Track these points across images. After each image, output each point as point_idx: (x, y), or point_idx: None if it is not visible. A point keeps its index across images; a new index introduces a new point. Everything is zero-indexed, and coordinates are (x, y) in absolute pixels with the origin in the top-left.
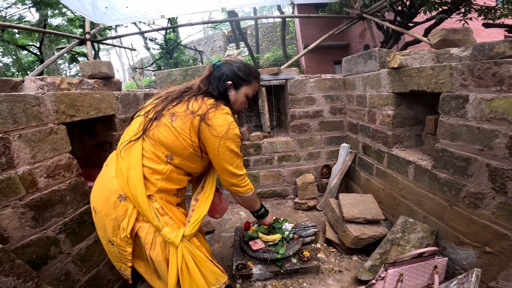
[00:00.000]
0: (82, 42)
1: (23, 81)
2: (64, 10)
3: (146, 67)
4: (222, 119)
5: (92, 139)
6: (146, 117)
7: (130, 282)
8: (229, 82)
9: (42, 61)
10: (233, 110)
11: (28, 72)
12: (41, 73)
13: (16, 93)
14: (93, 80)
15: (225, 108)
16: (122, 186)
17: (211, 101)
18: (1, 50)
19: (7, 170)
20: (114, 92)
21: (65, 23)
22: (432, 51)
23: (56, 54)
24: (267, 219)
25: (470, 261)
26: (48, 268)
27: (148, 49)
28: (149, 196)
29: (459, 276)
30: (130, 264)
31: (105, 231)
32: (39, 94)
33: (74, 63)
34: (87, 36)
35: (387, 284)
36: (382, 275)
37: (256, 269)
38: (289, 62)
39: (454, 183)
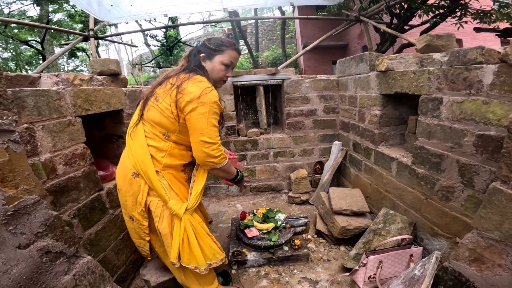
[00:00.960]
0: (86, 39)
1: (40, 77)
2: (65, 5)
3: (146, 63)
4: (195, 86)
5: (100, 132)
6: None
7: (149, 258)
8: (202, 55)
9: (43, 56)
10: (213, 81)
11: (27, 66)
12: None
13: (41, 88)
14: (102, 77)
15: (199, 77)
16: (134, 164)
17: (184, 75)
18: (2, 45)
19: (32, 157)
20: (123, 88)
21: (66, 19)
22: (417, 56)
23: (61, 49)
24: (244, 181)
25: (443, 252)
26: None
27: (148, 45)
28: (156, 173)
29: (424, 259)
30: (147, 238)
31: (126, 207)
32: (60, 90)
33: (73, 58)
34: (91, 33)
35: (368, 270)
36: (364, 262)
37: (250, 256)
38: (287, 62)
39: (430, 177)
